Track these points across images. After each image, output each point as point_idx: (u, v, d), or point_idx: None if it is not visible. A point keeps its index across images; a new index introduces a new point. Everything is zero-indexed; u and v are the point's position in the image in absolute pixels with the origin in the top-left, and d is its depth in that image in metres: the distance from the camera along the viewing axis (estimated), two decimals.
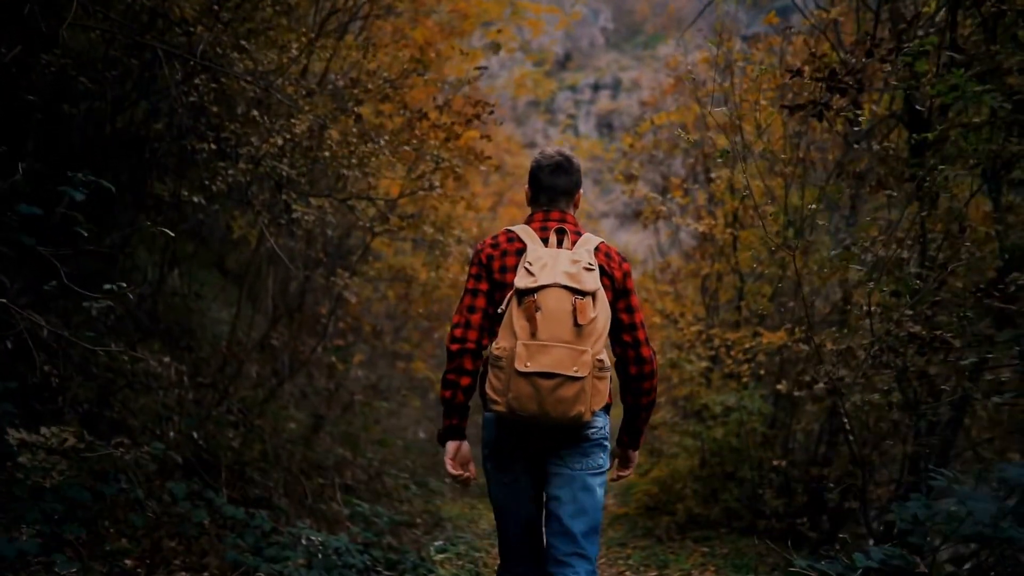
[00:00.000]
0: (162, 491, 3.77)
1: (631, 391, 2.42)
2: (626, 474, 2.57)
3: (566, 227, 2.37)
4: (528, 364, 2.12)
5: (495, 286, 2.33)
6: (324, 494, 5.62)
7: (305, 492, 5.32)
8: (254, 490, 4.80)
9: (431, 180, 5.39)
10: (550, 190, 2.47)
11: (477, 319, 2.31)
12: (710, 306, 7.78)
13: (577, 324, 2.14)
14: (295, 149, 4.81)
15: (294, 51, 4.85)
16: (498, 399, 2.18)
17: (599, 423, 2.33)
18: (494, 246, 2.39)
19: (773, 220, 4.74)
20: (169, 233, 3.73)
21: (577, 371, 2.13)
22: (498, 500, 2.44)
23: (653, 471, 7.63)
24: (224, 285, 7.81)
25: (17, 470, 3.02)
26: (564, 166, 2.48)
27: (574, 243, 2.34)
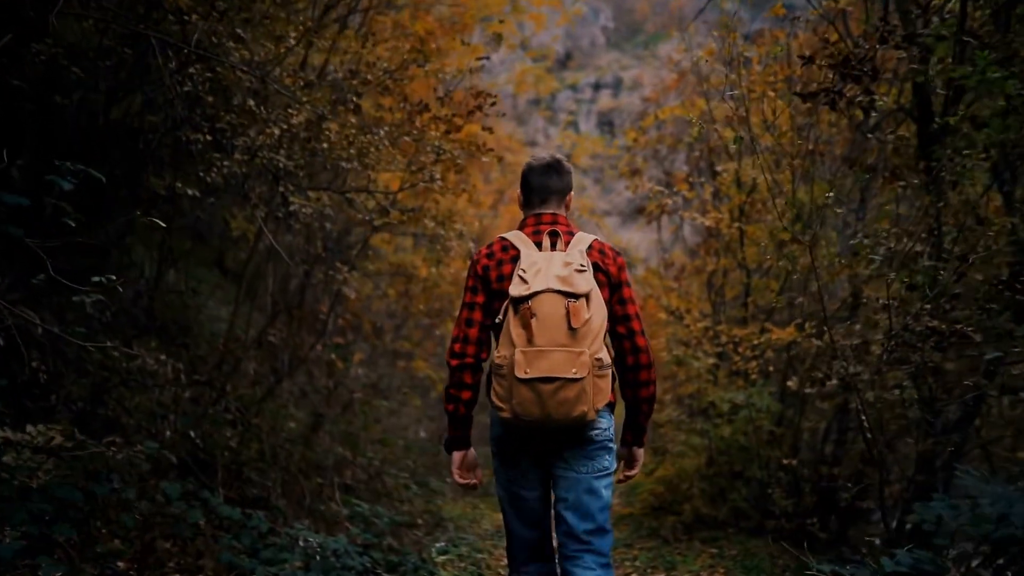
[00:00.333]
0: (156, 491, 3.68)
1: (630, 384, 2.42)
2: (632, 474, 2.56)
3: (559, 228, 2.40)
4: (527, 371, 2.16)
5: (494, 295, 2.36)
6: (323, 494, 5.54)
7: (304, 492, 5.22)
8: (251, 490, 4.72)
9: (432, 172, 5.30)
10: (541, 190, 2.49)
11: (475, 333, 2.35)
12: (716, 302, 7.68)
13: (571, 327, 2.17)
14: (293, 140, 4.72)
15: (291, 41, 4.75)
16: (503, 405, 2.23)
17: (603, 424, 2.34)
18: (489, 256, 2.41)
19: (784, 211, 4.63)
20: (161, 224, 3.63)
21: (576, 373, 2.15)
22: (505, 497, 2.46)
23: (659, 470, 7.51)
24: (222, 282, 7.72)
25: (2, 470, 2.92)
26: (555, 167, 2.50)
27: (567, 244, 2.36)
